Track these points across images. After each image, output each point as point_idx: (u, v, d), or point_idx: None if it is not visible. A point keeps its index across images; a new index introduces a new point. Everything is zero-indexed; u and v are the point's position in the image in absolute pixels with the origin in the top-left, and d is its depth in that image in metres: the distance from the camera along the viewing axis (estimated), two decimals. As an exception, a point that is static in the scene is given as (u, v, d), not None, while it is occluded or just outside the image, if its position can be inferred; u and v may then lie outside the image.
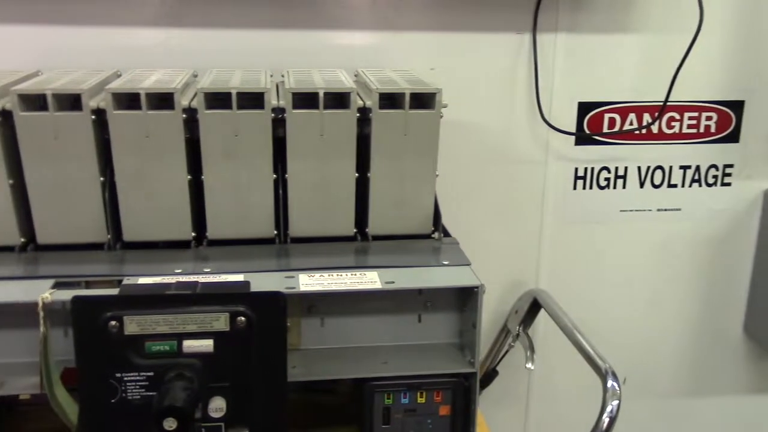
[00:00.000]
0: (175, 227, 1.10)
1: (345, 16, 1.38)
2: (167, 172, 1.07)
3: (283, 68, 1.28)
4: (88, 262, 1.06)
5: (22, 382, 0.98)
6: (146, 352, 0.88)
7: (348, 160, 1.11)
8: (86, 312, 0.87)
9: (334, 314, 1.06)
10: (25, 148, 1.04)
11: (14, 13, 1.29)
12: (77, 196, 1.07)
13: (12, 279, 1.00)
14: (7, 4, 1.28)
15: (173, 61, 1.32)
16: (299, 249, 1.13)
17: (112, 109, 1.03)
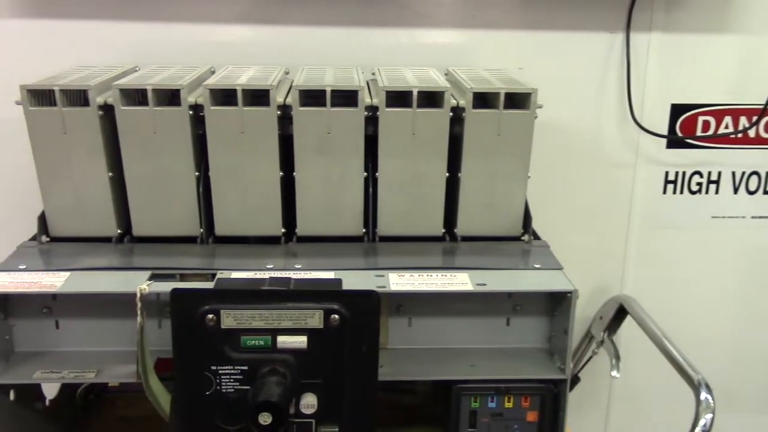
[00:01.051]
0: (266, 223, 1.11)
1: (433, 14, 1.37)
2: (260, 167, 1.08)
3: (370, 66, 1.27)
4: (181, 255, 1.08)
5: (117, 370, 1.01)
6: (241, 347, 0.89)
7: (439, 159, 1.10)
8: (185, 305, 0.88)
9: (421, 314, 1.05)
10: (125, 142, 1.06)
11: (111, 10, 1.32)
12: (173, 190, 1.09)
13: (110, 270, 1.03)
14: (105, 1, 1.31)
15: (263, 58, 1.33)
16: (388, 248, 1.12)
17: (209, 105, 1.05)
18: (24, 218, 1.31)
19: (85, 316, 1.03)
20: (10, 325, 1.02)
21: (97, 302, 1.01)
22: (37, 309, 1.02)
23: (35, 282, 0.98)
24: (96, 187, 1.08)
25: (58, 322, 1.03)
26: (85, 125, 1.05)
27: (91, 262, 1.04)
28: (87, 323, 1.03)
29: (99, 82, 1.06)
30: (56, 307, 1.02)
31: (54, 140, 1.05)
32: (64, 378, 0.99)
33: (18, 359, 1.02)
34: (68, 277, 0.99)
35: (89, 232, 1.11)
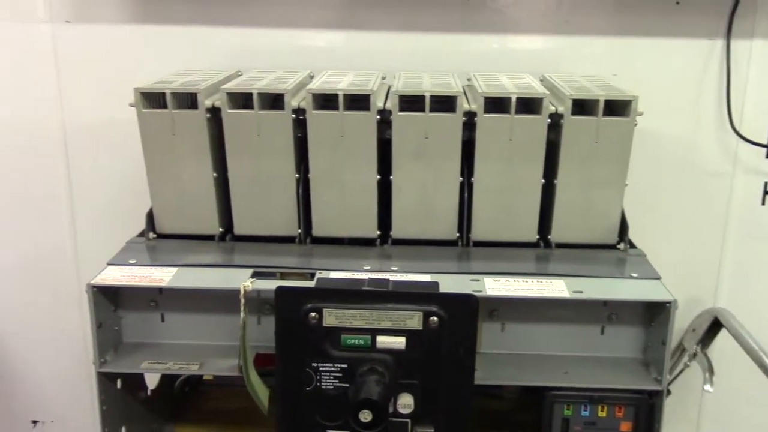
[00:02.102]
0: (362, 225, 1.13)
1: (526, 20, 1.37)
2: (359, 171, 1.10)
3: (462, 71, 1.28)
4: (280, 254, 1.11)
5: (219, 363, 1.04)
6: (342, 345, 0.91)
7: (536, 165, 1.10)
8: (289, 302, 0.91)
9: (515, 320, 1.06)
10: (230, 144, 1.10)
11: (214, 16, 1.36)
12: (273, 191, 1.12)
13: (214, 266, 1.07)
14: (208, 8, 1.36)
15: (357, 64, 1.36)
16: (482, 253, 1.13)
17: (311, 109, 1.08)
18: (131, 214, 1.38)
19: (188, 311, 1.07)
20: (119, 317, 1.07)
21: (200, 297, 1.06)
22: (145, 302, 1.07)
23: (145, 276, 1.02)
24: (201, 186, 1.12)
25: (164, 315, 1.07)
26: (193, 127, 1.09)
27: (196, 258, 1.08)
28: (190, 317, 1.07)
29: (207, 86, 1.10)
30: (162, 300, 1.07)
31: (163, 141, 1.10)
32: (170, 369, 1.03)
33: (125, 349, 1.07)
34: (175, 272, 1.04)
35: (193, 229, 1.15)
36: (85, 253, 1.48)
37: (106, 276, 1.02)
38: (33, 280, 1.50)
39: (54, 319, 1.51)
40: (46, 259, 1.48)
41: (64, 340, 1.52)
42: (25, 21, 1.36)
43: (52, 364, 1.54)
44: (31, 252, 1.48)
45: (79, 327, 1.51)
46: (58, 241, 1.47)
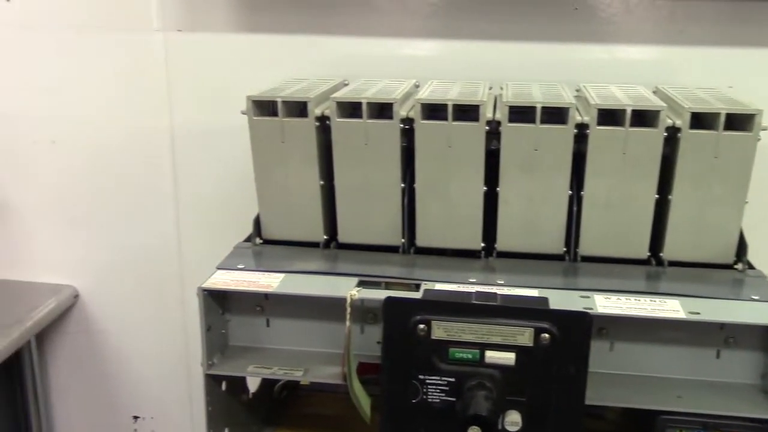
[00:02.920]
0: (467, 236, 1.12)
1: (637, 30, 1.33)
2: (465, 182, 1.09)
3: (571, 81, 1.25)
4: (384, 263, 1.11)
5: (323, 370, 1.05)
6: (449, 358, 0.90)
7: (649, 180, 1.07)
8: (397, 313, 0.91)
9: (624, 339, 1.02)
10: (337, 152, 1.11)
11: (319, 25, 1.38)
12: (379, 200, 1.12)
13: (319, 274, 1.07)
14: (314, 18, 1.37)
15: (463, 73, 1.34)
16: (589, 268, 1.10)
17: (419, 119, 1.07)
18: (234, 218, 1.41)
19: (293, 317, 1.08)
20: (226, 320, 1.09)
21: (305, 304, 1.06)
22: (251, 307, 1.08)
23: (253, 281, 1.04)
24: (307, 194, 1.13)
25: (269, 320, 1.09)
26: (302, 135, 1.10)
27: (302, 265, 1.09)
28: (295, 323, 1.08)
29: (316, 95, 1.11)
30: (268, 306, 1.08)
31: (273, 148, 1.12)
32: (275, 374, 1.04)
33: (232, 352, 1.09)
34: (282, 278, 1.05)
35: (298, 236, 1.16)
36: (189, 254, 1.52)
37: (215, 280, 1.04)
38: (138, 279, 1.55)
39: (157, 318, 1.56)
40: (152, 259, 1.53)
41: (166, 339, 1.57)
42: (139, 30, 1.41)
43: (154, 361, 1.59)
44: (138, 252, 1.53)
45: (180, 326, 1.55)
46: (164, 242, 1.51)
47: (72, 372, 1.62)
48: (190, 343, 1.56)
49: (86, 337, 1.59)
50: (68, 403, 1.64)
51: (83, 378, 1.62)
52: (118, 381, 1.62)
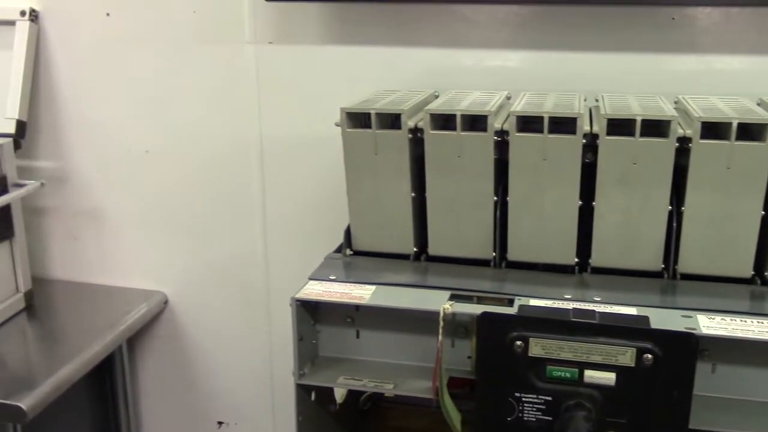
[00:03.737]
0: (560, 251, 1.10)
1: (736, 40, 1.28)
2: (560, 195, 1.07)
3: (666, 93, 1.21)
4: (475, 277, 1.10)
5: (413, 384, 1.04)
6: (547, 377, 0.88)
7: (755, 196, 1.02)
8: (493, 329, 0.89)
9: (728, 362, 0.98)
10: (430, 164, 1.10)
11: (408, 37, 1.38)
12: (471, 212, 1.11)
13: (411, 287, 1.07)
14: (402, 29, 1.37)
15: (553, 84, 1.32)
16: (689, 287, 1.06)
17: (513, 131, 1.06)
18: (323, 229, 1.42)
19: (383, 329, 1.08)
20: (317, 331, 1.09)
21: (395, 316, 1.06)
22: (341, 318, 1.08)
23: (346, 293, 1.04)
24: (399, 206, 1.13)
25: (359, 332, 1.09)
26: (394, 147, 1.10)
27: (393, 277, 1.09)
28: (385, 335, 1.08)
29: (409, 107, 1.11)
30: (358, 317, 1.08)
31: (365, 160, 1.12)
32: (365, 386, 1.04)
33: (322, 363, 1.09)
34: (374, 290, 1.05)
35: (388, 248, 1.16)
36: (275, 263, 1.54)
37: (308, 291, 1.05)
38: (225, 286, 1.57)
39: (243, 326, 1.58)
40: (239, 267, 1.55)
41: (251, 346, 1.59)
42: (231, 42, 1.44)
43: (239, 368, 1.61)
44: (226, 260, 1.55)
45: (265, 334, 1.57)
46: (251, 251, 1.54)
47: (160, 376, 1.66)
48: (275, 352, 1.58)
49: (174, 342, 1.62)
50: (155, 407, 1.68)
51: (170, 382, 1.66)
52: (203, 386, 1.65)
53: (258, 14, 1.42)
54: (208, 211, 1.54)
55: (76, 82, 1.52)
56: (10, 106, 1.46)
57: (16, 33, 1.47)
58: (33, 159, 1.56)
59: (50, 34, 1.50)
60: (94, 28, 1.48)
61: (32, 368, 1.37)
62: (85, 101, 1.53)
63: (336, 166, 1.41)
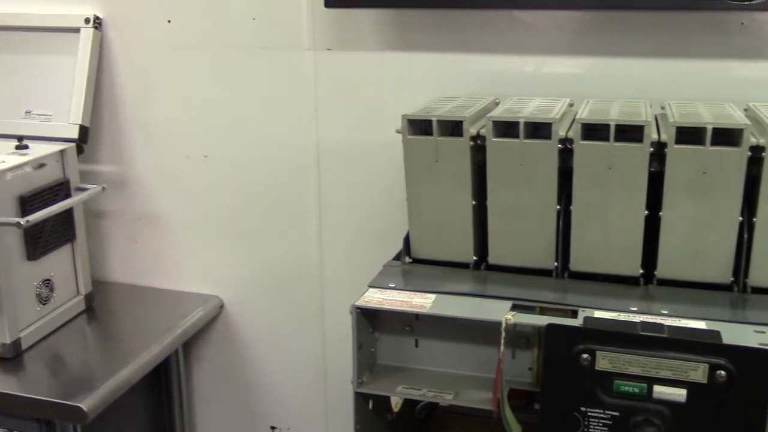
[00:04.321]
0: (625, 262, 1.08)
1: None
2: (626, 205, 1.05)
3: (738, 101, 1.18)
4: (536, 287, 1.08)
5: (473, 394, 1.03)
6: (614, 391, 0.86)
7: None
8: (559, 341, 0.87)
9: (802, 379, 0.94)
10: (492, 172, 1.09)
11: (465, 44, 1.37)
12: (532, 221, 1.09)
13: (471, 296, 1.06)
14: (461, 36, 1.36)
15: (612, 91, 1.30)
16: (761, 301, 1.03)
17: (578, 139, 1.04)
18: (379, 236, 1.42)
19: (442, 338, 1.07)
20: (376, 338, 1.09)
21: (455, 325, 1.05)
22: (400, 326, 1.07)
23: (406, 301, 1.03)
24: (459, 214, 1.12)
25: (418, 341, 1.08)
26: (456, 154, 1.09)
27: (453, 286, 1.07)
28: (444, 345, 1.07)
29: (471, 114, 1.09)
30: (417, 326, 1.07)
31: (426, 167, 1.11)
32: (424, 396, 1.03)
33: (380, 371, 1.08)
34: (434, 299, 1.04)
35: (447, 256, 1.15)
36: (330, 270, 1.53)
37: (368, 298, 1.04)
38: (280, 292, 1.57)
39: (297, 331, 1.58)
40: (294, 273, 1.55)
41: (304, 352, 1.59)
42: (290, 49, 1.45)
43: (293, 373, 1.61)
44: (281, 265, 1.56)
45: (319, 341, 1.57)
46: (306, 256, 1.54)
47: (214, 380, 1.67)
48: (328, 357, 1.58)
49: (229, 346, 1.63)
50: (209, 410, 1.69)
51: (224, 386, 1.67)
52: (257, 391, 1.65)
53: (316, 21, 1.42)
54: (264, 217, 1.54)
55: (137, 88, 1.54)
56: (74, 111, 1.49)
57: (80, 40, 1.50)
58: (95, 163, 1.59)
59: (113, 41, 1.53)
60: (156, 34, 1.50)
61: (92, 370, 1.38)
62: (146, 107, 1.55)
63: (393, 173, 1.41)
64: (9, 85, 1.55)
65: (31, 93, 1.53)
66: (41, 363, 1.37)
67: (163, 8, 1.49)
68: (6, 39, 1.55)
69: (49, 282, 1.42)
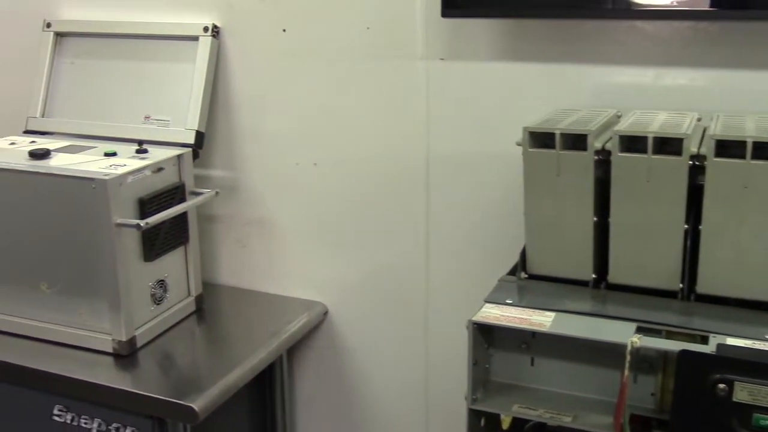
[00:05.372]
0: (760, 286, 1.02)
1: None
2: (762, 225, 0.99)
3: None
4: (661, 309, 1.04)
5: (592, 418, 0.99)
6: (754, 425, 0.81)
7: None
8: (693, 368, 0.83)
9: None
10: (616, 188, 1.05)
11: (581, 54, 1.33)
12: (657, 240, 1.05)
13: (592, 316, 1.02)
14: (577, 46, 1.32)
15: (741, 105, 1.24)
16: None
17: (711, 156, 0.99)
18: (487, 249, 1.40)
19: (560, 358, 1.04)
20: (490, 355, 1.06)
21: (574, 345, 1.01)
22: (516, 343, 1.05)
23: (524, 318, 1.01)
24: (579, 230, 1.09)
25: (534, 359, 1.05)
26: (578, 169, 1.06)
27: (573, 305, 1.04)
28: (561, 365, 1.04)
29: (595, 127, 1.06)
30: (534, 344, 1.04)
31: (547, 181, 1.08)
32: (541, 417, 1.00)
33: (494, 388, 1.06)
34: (554, 317, 1.01)
35: (565, 273, 1.12)
36: (436, 280, 1.52)
37: (486, 314, 1.02)
38: (384, 300, 1.57)
39: (400, 341, 1.57)
40: (399, 282, 1.55)
41: (406, 362, 1.58)
42: (403, 58, 1.44)
43: (394, 382, 1.60)
44: (387, 274, 1.55)
45: (422, 351, 1.56)
46: (412, 266, 1.53)
47: (316, 387, 1.68)
48: (431, 369, 1.56)
49: (332, 353, 1.64)
50: (311, 416, 1.71)
51: (326, 393, 1.67)
52: (358, 399, 1.65)
53: (430, 30, 1.41)
54: (371, 225, 1.54)
55: (251, 95, 1.57)
56: (191, 117, 1.53)
57: (198, 47, 1.54)
58: (208, 168, 1.63)
59: (229, 49, 1.56)
60: (271, 43, 1.53)
61: (201, 370, 1.41)
62: (259, 114, 1.58)
63: (503, 185, 1.39)
64: (130, 91, 1.60)
65: (150, 99, 1.58)
66: (154, 361, 1.41)
67: (278, 17, 1.51)
68: (128, 46, 1.61)
69: (163, 283, 1.46)
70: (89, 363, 1.37)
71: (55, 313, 1.41)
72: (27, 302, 1.43)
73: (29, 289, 1.42)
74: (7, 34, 1.76)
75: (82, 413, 1.38)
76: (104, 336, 1.39)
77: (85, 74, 1.64)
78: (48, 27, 1.65)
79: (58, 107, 1.65)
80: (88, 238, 1.34)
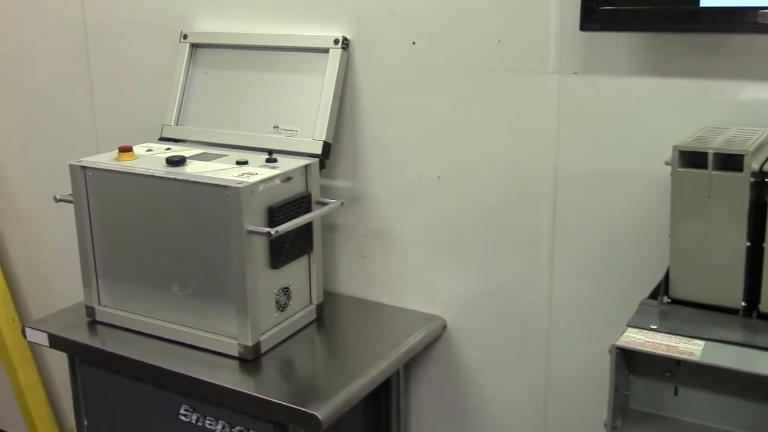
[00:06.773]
0: None
1: None
2: None
3: None
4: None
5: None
6: None
7: None
8: None
9: None
10: (774, 212, 1.00)
11: (728, 69, 1.27)
12: (818, 269, 0.99)
13: (742, 346, 0.97)
14: (723, 60, 1.26)
15: None
16: None
17: None
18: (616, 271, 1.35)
19: (707, 389, 0.99)
20: (630, 381, 1.02)
21: (721, 376, 0.96)
22: (659, 371, 1.01)
23: (672, 346, 0.96)
24: (730, 255, 1.04)
25: (677, 388, 1.00)
26: (733, 190, 1.01)
27: (723, 334, 0.99)
28: (708, 396, 0.99)
29: (752, 147, 1.01)
30: (679, 372, 1.00)
31: (696, 202, 1.04)
32: (691, 450, 0.96)
33: (633, 417, 1.02)
34: (704, 346, 0.96)
35: (711, 299, 1.07)
36: (559, 299, 1.48)
37: (630, 338, 0.98)
38: (505, 317, 1.54)
39: (519, 359, 1.54)
40: (521, 299, 1.52)
41: (525, 381, 1.54)
42: (533, 72, 1.42)
43: (511, 401, 1.57)
44: (508, 291, 1.52)
45: (541, 371, 1.52)
46: (535, 284, 1.49)
47: (431, 401, 1.66)
48: (550, 390, 1.52)
49: (449, 368, 1.62)
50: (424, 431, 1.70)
51: (441, 409, 1.65)
52: (473, 416, 1.63)
53: (564, 44, 1.38)
54: (494, 241, 1.52)
55: (378, 107, 1.58)
56: (318, 128, 1.55)
57: (328, 60, 1.56)
58: (333, 178, 1.64)
59: (358, 62, 1.58)
60: (400, 56, 1.53)
61: (321, 379, 1.42)
62: (385, 125, 1.58)
63: (635, 204, 1.35)
64: (260, 101, 1.64)
65: (279, 109, 1.62)
66: (276, 367, 1.43)
67: (408, 30, 1.52)
68: (259, 58, 1.65)
69: (287, 290, 1.48)
70: (216, 366, 1.40)
71: (184, 314, 1.45)
72: (158, 303, 1.48)
73: (161, 291, 1.47)
74: (148, 46, 1.84)
75: (207, 414, 1.41)
76: (230, 340, 1.42)
77: (218, 84, 1.69)
78: (184, 38, 1.71)
79: (192, 116, 1.70)
80: (219, 243, 1.38)
